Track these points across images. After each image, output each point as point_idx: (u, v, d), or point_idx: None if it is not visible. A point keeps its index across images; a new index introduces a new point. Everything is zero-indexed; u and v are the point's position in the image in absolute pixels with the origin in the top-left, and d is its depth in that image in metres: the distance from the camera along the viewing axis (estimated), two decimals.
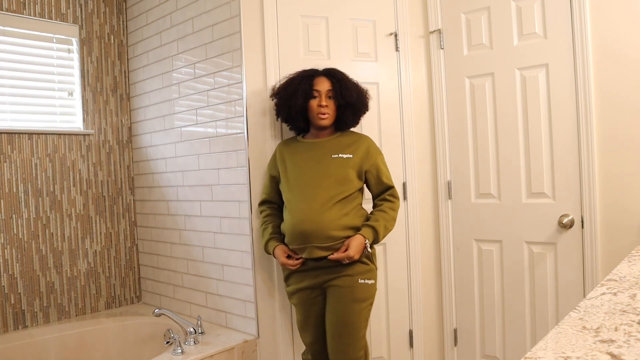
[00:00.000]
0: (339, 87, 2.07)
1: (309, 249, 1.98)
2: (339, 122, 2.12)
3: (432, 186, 2.58)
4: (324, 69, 2.14)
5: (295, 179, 2.07)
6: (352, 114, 2.11)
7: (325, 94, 2.06)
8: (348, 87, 2.07)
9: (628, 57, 2.02)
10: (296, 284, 2.08)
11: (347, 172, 2.02)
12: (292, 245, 2.02)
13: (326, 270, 2.00)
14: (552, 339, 0.70)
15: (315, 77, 2.10)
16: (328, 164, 2.04)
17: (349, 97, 2.06)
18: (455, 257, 2.54)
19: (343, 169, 2.03)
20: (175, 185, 2.83)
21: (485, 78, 2.41)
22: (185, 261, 2.81)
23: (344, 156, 2.05)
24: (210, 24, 2.52)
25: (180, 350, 2.20)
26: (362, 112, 2.15)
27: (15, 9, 2.68)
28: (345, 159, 2.04)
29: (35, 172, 2.74)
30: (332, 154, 2.06)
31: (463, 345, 2.54)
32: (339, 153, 2.06)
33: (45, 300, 2.76)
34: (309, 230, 1.95)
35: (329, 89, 2.07)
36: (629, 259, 1.20)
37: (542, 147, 2.25)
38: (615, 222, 2.08)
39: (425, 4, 2.55)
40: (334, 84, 2.08)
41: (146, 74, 2.98)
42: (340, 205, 1.98)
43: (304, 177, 2.05)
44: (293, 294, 2.10)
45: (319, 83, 2.08)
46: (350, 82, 2.10)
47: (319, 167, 2.05)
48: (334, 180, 2.01)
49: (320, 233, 1.95)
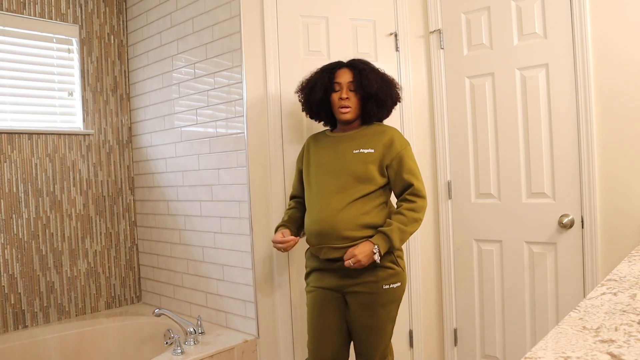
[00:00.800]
0: (359, 78, 1.93)
1: (324, 250, 1.90)
2: (364, 115, 1.98)
3: (432, 186, 2.58)
4: (348, 60, 2.02)
5: (316, 175, 1.99)
6: (376, 105, 1.95)
7: (346, 86, 1.94)
8: (369, 78, 1.92)
9: (628, 56, 2.02)
10: (315, 282, 1.98)
11: (368, 168, 1.89)
12: (310, 244, 1.96)
13: (347, 274, 1.89)
14: (552, 339, 0.70)
15: (338, 69, 1.98)
16: (349, 160, 1.92)
17: (369, 87, 1.91)
18: (455, 257, 2.54)
19: (363, 165, 1.89)
20: (175, 185, 2.83)
21: (485, 78, 2.41)
22: (185, 261, 2.81)
23: (365, 151, 1.91)
24: (210, 24, 2.52)
25: (180, 350, 2.20)
26: (387, 103, 1.98)
27: (15, 9, 2.68)
28: (366, 154, 1.90)
29: (35, 172, 2.74)
30: (354, 149, 1.93)
31: (463, 345, 2.54)
32: (360, 148, 1.92)
33: (45, 300, 2.76)
34: (324, 230, 1.87)
35: (350, 80, 1.94)
36: (629, 259, 1.20)
37: (542, 146, 2.25)
38: (615, 222, 2.08)
39: (425, 4, 2.55)
40: (355, 75, 1.94)
41: (146, 74, 2.98)
42: (360, 204, 1.87)
43: (324, 173, 1.96)
44: (309, 292, 2.00)
45: (340, 75, 1.96)
46: (372, 72, 1.95)
47: (339, 163, 1.94)
48: (353, 177, 1.89)
49: (334, 233, 1.86)
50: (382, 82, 1.95)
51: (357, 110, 1.96)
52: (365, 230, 1.86)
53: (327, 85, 1.97)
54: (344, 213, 1.86)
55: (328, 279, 1.93)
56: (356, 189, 1.88)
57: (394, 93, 1.99)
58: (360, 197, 1.87)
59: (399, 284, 1.90)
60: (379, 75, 1.97)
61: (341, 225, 1.85)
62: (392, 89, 1.99)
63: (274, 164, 2.37)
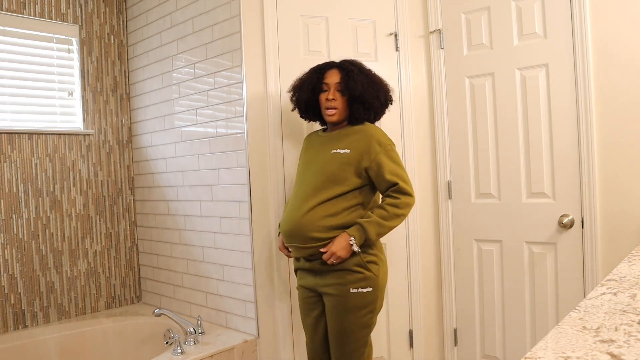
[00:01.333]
0: (346, 79, 1.92)
1: (293, 249, 1.96)
2: (351, 117, 1.97)
3: (432, 186, 2.58)
4: (340, 61, 2.01)
5: (302, 174, 2.02)
6: (362, 107, 1.93)
7: (334, 87, 1.93)
8: (355, 79, 1.91)
9: (628, 56, 2.02)
10: (299, 280, 2.05)
11: (343, 168, 1.88)
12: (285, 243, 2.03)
13: (319, 274, 1.93)
14: (552, 339, 0.70)
15: (328, 70, 1.97)
16: (327, 160, 1.92)
17: (354, 89, 1.90)
18: (455, 257, 2.54)
19: (338, 166, 1.88)
20: (175, 185, 2.83)
21: (485, 78, 2.41)
22: (185, 261, 2.81)
23: (341, 152, 1.89)
24: (210, 24, 2.52)
25: (180, 350, 2.20)
26: (375, 105, 1.95)
27: (15, 9, 2.68)
28: (342, 155, 1.89)
29: (35, 172, 2.74)
30: (332, 150, 1.92)
31: (463, 345, 2.54)
32: (338, 148, 1.91)
33: (45, 300, 2.76)
34: (291, 230, 1.90)
35: (338, 81, 1.93)
36: (629, 259, 1.20)
37: (542, 146, 2.25)
38: (615, 222, 2.08)
39: (425, 4, 2.55)
40: (342, 76, 1.93)
41: (146, 74, 2.98)
42: (329, 205, 1.86)
43: (308, 173, 1.98)
44: (297, 290, 2.08)
45: (329, 76, 1.95)
46: (360, 74, 1.94)
47: (318, 162, 1.95)
48: (327, 177, 1.89)
49: (300, 234, 1.88)
50: (368, 84, 1.93)
51: (343, 112, 1.96)
52: (332, 231, 1.86)
53: (315, 85, 1.97)
54: (310, 214, 1.87)
55: (306, 278, 2.00)
56: (329, 190, 1.88)
57: (382, 95, 1.97)
58: (332, 198, 1.87)
59: (369, 289, 1.87)
60: (367, 77, 1.95)
61: (306, 226, 1.87)
62: (380, 90, 1.97)
63: (273, 164, 2.37)
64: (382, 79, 2.02)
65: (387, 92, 2.01)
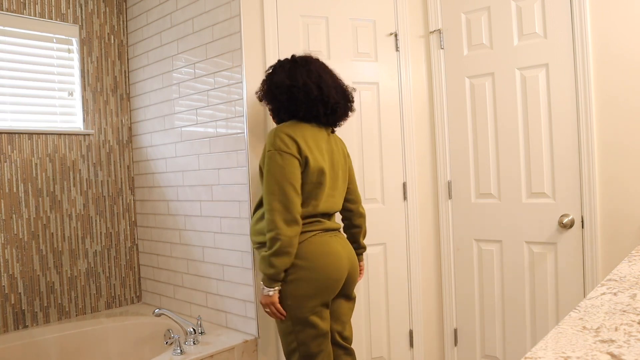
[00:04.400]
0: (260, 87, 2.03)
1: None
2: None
3: (432, 186, 2.58)
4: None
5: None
6: (270, 111, 2.02)
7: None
8: (261, 86, 2.01)
9: (628, 56, 2.02)
10: None
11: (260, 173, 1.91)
12: None
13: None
14: (552, 339, 0.70)
15: None
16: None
17: (259, 98, 2.02)
18: (455, 257, 2.54)
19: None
20: (175, 185, 2.83)
21: (485, 78, 2.41)
22: (185, 261, 2.81)
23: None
24: (210, 24, 2.52)
25: (180, 350, 2.20)
26: (273, 108, 1.96)
27: (15, 9, 2.68)
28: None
29: (35, 172, 2.74)
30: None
31: (463, 345, 2.54)
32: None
33: (45, 300, 2.76)
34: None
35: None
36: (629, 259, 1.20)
37: (542, 146, 2.25)
38: (615, 221, 2.08)
39: (425, 4, 2.55)
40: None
41: (146, 74, 2.98)
42: (260, 210, 1.91)
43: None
44: None
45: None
46: (264, 81, 1.98)
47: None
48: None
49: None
50: (264, 89, 1.96)
51: (274, 116, 1.99)
52: (260, 235, 1.87)
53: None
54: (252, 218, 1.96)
55: None
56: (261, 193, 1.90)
57: (274, 98, 1.93)
58: (259, 202, 1.93)
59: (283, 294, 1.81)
60: (264, 81, 1.97)
61: (250, 230, 1.98)
62: (272, 93, 1.93)
63: None
64: (281, 78, 1.90)
65: (278, 93, 1.90)
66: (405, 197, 2.52)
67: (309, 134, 1.85)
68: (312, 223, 1.87)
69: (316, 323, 1.83)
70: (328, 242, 1.86)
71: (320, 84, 1.87)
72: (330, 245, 1.86)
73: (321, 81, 1.87)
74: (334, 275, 1.83)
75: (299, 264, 1.79)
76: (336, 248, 1.87)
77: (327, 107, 1.87)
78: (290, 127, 1.84)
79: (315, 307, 1.82)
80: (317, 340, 1.84)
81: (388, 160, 2.50)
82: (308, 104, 1.85)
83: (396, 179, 2.51)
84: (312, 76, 1.87)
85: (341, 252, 1.88)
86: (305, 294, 1.79)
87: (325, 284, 1.82)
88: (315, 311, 1.82)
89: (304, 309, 1.80)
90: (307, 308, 1.80)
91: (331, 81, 1.91)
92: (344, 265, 1.87)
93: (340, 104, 1.91)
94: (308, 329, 1.82)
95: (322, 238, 1.86)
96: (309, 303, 1.80)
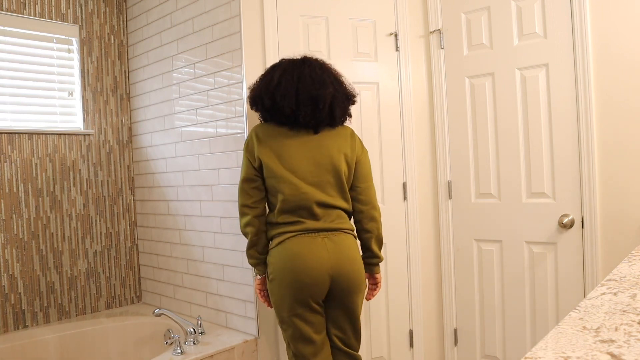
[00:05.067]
0: None
1: None
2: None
3: (432, 186, 2.58)
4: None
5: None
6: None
7: None
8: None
9: (628, 56, 2.02)
10: None
11: None
12: None
13: None
14: (552, 339, 0.70)
15: None
16: None
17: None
18: (456, 257, 2.54)
19: None
20: (175, 185, 2.83)
21: (485, 78, 2.41)
22: (185, 261, 2.81)
23: None
24: (211, 24, 2.52)
25: (180, 350, 2.20)
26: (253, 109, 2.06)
27: (15, 9, 2.68)
28: None
29: (35, 172, 2.74)
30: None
31: (463, 345, 2.54)
32: None
33: (45, 300, 2.76)
34: None
35: None
36: (629, 258, 1.20)
37: (542, 146, 2.25)
38: (615, 221, 2.08)
39: (426, 4, 2.55)
40: None
41: (146, 74, 2.98)
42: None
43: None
44: None
45: None
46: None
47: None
48: None
49: None
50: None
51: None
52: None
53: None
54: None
55: None
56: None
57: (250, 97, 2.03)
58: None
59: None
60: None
61: None
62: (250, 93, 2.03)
63: None
64: (262, 77, 2.01)
65: (249, 94, 2.05)
66: (405, 197, 2.52)
67: (270, 135, 1.94)
68: (291, 224, 1.88)
69: (297, 325, 1.86)
70: (301, 243, 1.84)
71: (274, 94, 1.91)
72: (302, 247, 1.83)
73: (277, 90, 1.91)
74: (302, 279, 1.81)
75: (272, 264, 1.89)
76: (312, 251, 1.82)
77: (305, 109, 1.88)
78: (259, 129, 1.98)
79: (293, 308, 1.85)
80: (302, 343, 1.87)
81: (388, 160, 2.50)
82: (274, 108, 1.94)
83: (396, 179, 2.51)
84: (285, 78, 1.92)
85: (319, 255, 1.82)
86: (279, 294, 1.87)
87: (294, 287, 1.82)
88: (296, 313, 1.85)
89: (282, 309, 1.88)
90: (284, 308, 1.87)
91: (302, 86, 1.89)
92: (321, 270, 1.81)
93: (301, 111, 1.89)
94: (290, 329, 1.88)
95: (297, 239, 1.85)
96: (285, 304, 1.86)
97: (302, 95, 1.88)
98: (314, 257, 1.81)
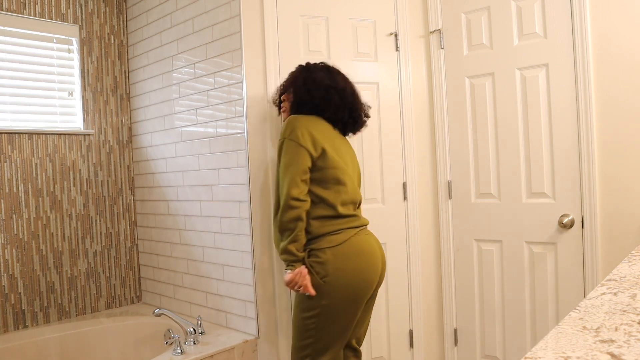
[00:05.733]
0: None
1: None
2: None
3: (432, 186, 2.58)
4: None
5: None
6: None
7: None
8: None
9: (628, 56, 2.02)
10: None
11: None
12: None
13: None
14: (552, 339, 0.70)
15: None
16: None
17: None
18: (456, 257, 2.54)
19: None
20: (175, 185, 2.83)
21: (485, 78, 2.41)
22: (185, 261, 2.81)
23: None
24: (211, 24, 2.52)
25: (180, 350, 2.20)
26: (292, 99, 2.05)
27: (15, 9, 2.68)
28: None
29: (35, 172, 2.74)
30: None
31: (463, 345, 2.54)
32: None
33: (45, 300, 2.76)
34: None
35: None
36: (629, 258, 1.20)
37: (542, 146, 2.25)
38: (615, 222, 2.08)
39: (426, 4, 2.55)
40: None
41: (146, 74, 2.98)
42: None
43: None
44: None
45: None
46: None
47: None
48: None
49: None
50: (297, 82, 2.03)
51: (293, 109, 2.01)
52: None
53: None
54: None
55: None
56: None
57: (307, 92, 2.01)
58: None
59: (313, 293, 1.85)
60: (297, 76, 2.05)
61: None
62: (307, 88, 2.00)
63: (273, 164, 2.37)
64: (321, 77, 2.03)
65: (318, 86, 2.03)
66: (405, 197, 2.52)
67: (323, 129, 1.93)
68: (351, 218, 1.89)
69: (348, 328, 1.86)
70: (367, 240, 1.89)
71: (353, 92, 2.02)
72: (369, 245, 1.88)
73: (353, 90, 2.03)
74: (372, 277, 1.86)
75: (332, 263, 1.80)
76: (374, 249, 1.90)
77: (351, 114, 2.00)
78: (309, 121, 1.90)
79: (354, 313, 1.84)
80: (340, 341, 1.87)
81: (388, 160, 2.50)
82: (339, 107, 1.96)
83: (396, 179, 2.51)
84: (347, 84, 2.01)
85: (381, 254, 1.92)
86: (336, 297, 1.79)
87: (361, 287, 1.83)
88: (354, 317, 1.85)
89: (337, 315, 1.82)
90: (339, 314, 1.81)
91: (354, 94, 2.05)
92: (382, 268, 1.92)
93: (361, 116, 2.05)
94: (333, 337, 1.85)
95: (361, 237, 1.88)
96: (344, 308, 1.82)
97: (351, 102, 2.02)
98: (379, 255, 1.90)
